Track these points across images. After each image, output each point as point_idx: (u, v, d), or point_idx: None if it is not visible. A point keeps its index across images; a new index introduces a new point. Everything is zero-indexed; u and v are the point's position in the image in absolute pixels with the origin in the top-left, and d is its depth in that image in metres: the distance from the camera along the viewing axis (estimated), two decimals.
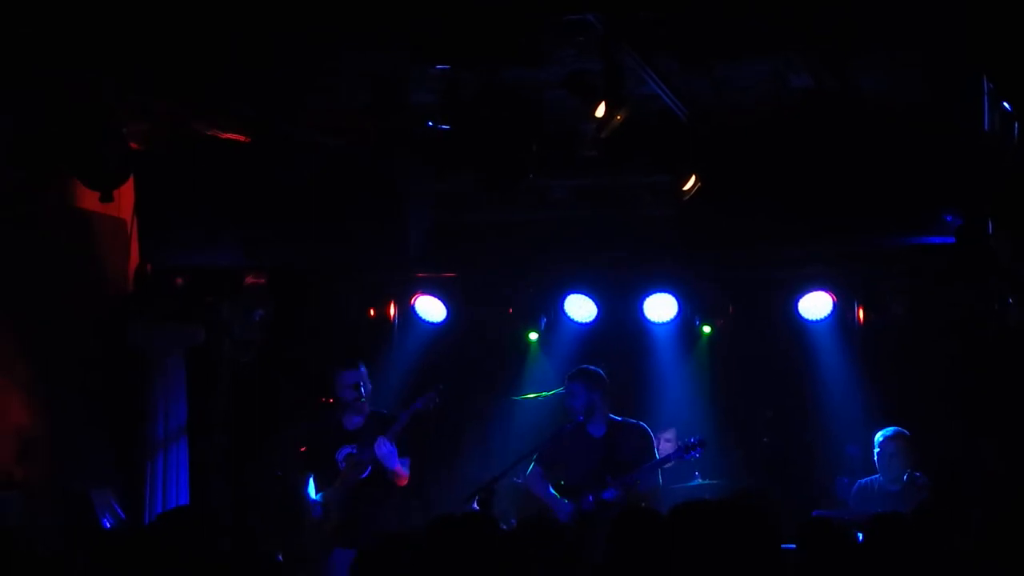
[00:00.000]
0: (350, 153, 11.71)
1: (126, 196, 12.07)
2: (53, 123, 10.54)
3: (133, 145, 10.95)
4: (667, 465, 11.34)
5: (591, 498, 10.96)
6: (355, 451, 11.10)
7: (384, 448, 10.93)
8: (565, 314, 13.26)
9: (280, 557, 7.36)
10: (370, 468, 11.01)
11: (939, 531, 6.75)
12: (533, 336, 13.66)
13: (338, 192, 12.28)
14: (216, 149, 11.51)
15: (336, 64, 10.17)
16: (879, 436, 11.31)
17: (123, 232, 12.38)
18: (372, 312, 13.74)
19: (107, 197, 10.94)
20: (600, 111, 9.27)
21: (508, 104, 9.97)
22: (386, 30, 9.24)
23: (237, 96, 10.60)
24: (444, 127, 10.38)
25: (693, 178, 11.11)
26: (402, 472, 11.03)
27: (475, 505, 10.75)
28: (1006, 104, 10.16)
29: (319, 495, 11.13)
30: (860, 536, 7.34)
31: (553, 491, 11.25)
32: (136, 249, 12.68)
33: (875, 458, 11.31)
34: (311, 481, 11.21)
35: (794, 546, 6.96)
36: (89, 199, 11.53)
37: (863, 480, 11.46)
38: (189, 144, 11.42)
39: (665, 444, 12.10)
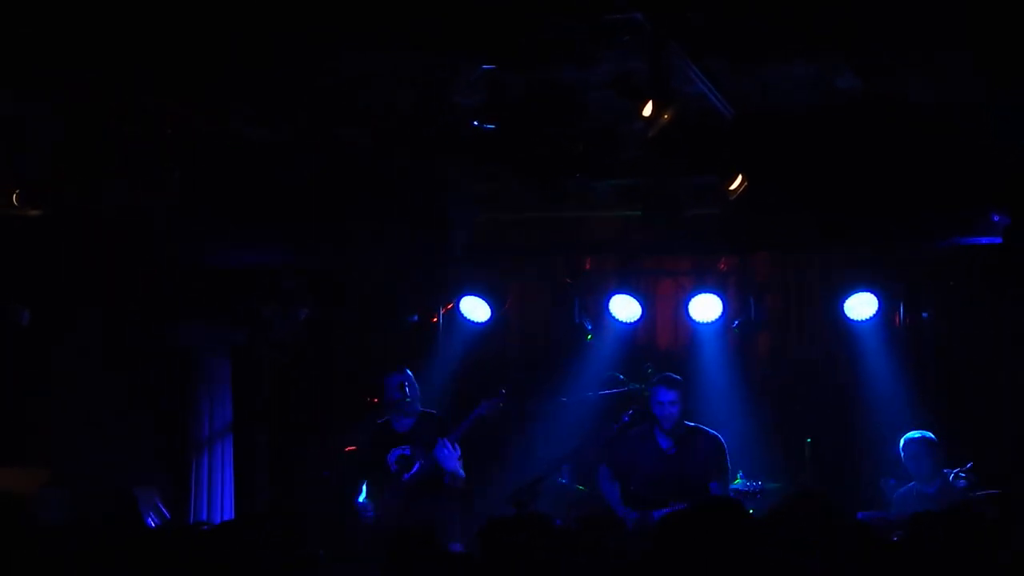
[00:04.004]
0: (394, 152, 11.70)
1: (168, 194, 12.09)
2: (95, 124, 10.60)
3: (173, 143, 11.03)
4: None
5: (656, 516, 10.75)
6: (407, 452, 11.09)
7: (446, 450, 10.90)
8: (610, 314, 13.21)
9: (322, 555, 7.37)
10: (418, 465, 11.00)
11: (979, 529, 6.70)
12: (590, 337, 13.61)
13: (381, 191, 12.28)
14: (257, 148, 11.53)
15: (381, 63, 10.16)
16: (902, 440, 11.35)
17: (163, 230, 12.40)
18: (418, 314, 13.70)
19: (150, 195, 11.03)
20: (648, 110, 9.23)
21: (553, 104, 9.95)
22: (432, 29, 9.22)
23: (281, 96, 10.61)
24: (489, 126, 10.36)
25: (740, 178, 11.06)
26: (460, 474, 10.99)
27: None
28: None
29: (366, 499, 11.11)
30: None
31: (619, 497, 11.15)
32: (177, 248, 12.70)
33: (903, 461, 11.32)
34: (364, 486, 11.19)
35: None
36: (129, 197, 11.59)
37: (902, 489, 11.48)
38: (229, 143, 11.43)
39: None
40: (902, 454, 11.30)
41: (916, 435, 11.31)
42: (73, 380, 12.14)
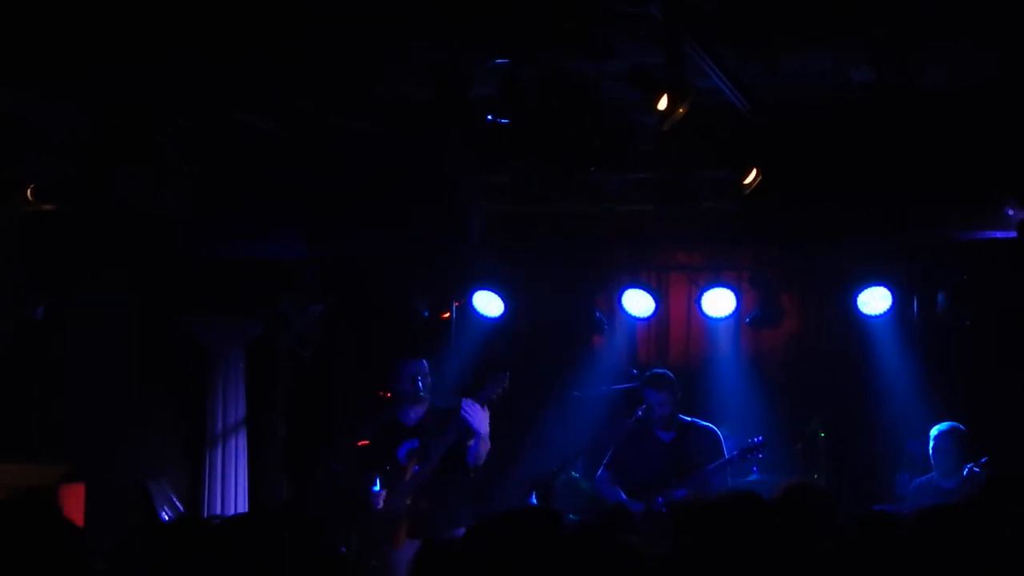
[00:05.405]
0: (408, 146, 11.70)
1: (184, 187, 12.08)
2: (114, 119, 10.61)
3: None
4: (729, 467, 11.28)
5: (660, 500, 10.88)
6: (417, 445, 10.94)
7: (475, 410, 10.61)
8: (623, 309, 13.21)
9: (343, 549, 7.33)
10: (432, 456, 10.84)
11: (987, 523, 6.68)
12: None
13: (396, 185, 12.29)
14: (269, 140, 11.52)
15: (395, 56, 10.16)
16: (934, 431, 11.30)
17: (179, 223, 12.41)
18: (431, 308, 13.66)
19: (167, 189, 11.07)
20: (663, 103, 9.21)
21: (568, 98, 9.93)
22: (447, 22, 9.22)
23: (291, 88, 10.60)
24: (503, 121, 10.34)
25: (754, 172, 11.05)
26: (487, 443, 10.80)
27: (534, 499, 10.72)
28: None
29: (383, 490, 10.98)
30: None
31: (623, 494, 11.19)
32: (194, 241, 12.70)
33: (930, 453, 11.29)
34: (377, 480, 11.05)
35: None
36: (146, 191, 11.62)
37: (919, 479, 11.45)
38: (240, 135, 11.42)
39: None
40: (931, 446, 11.24)
41: (947, 427, 11.26)
42: (89, 374, 12.14)
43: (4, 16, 8.84)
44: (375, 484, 10.88)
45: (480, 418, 10.58)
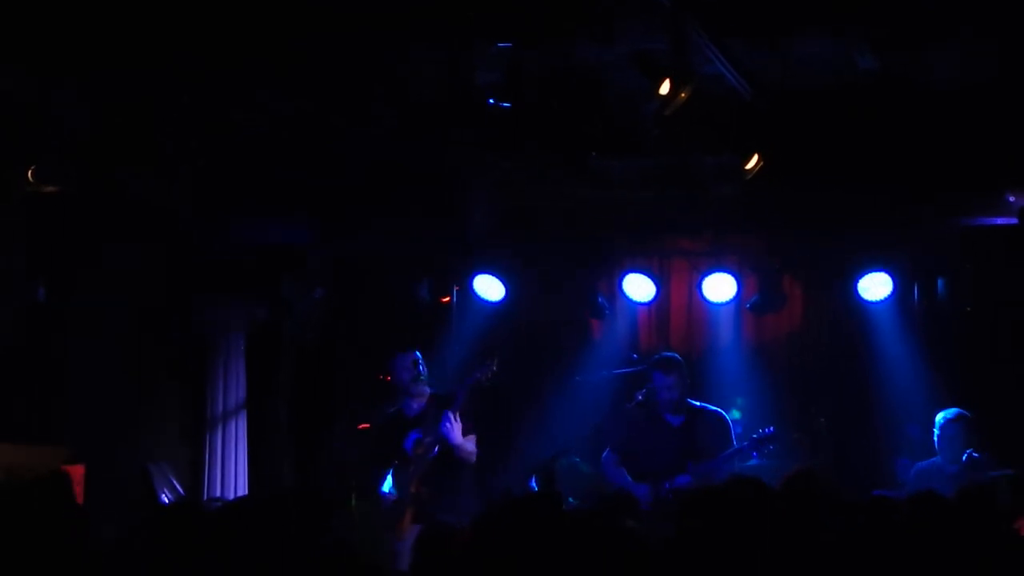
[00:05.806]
0: (408, 143, 11.69)
1: (189, 173, 12.08)
2: (115, 117, 10.63)
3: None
4: (738, 456, 11.28)
5: (667, 485, 10.89)
6: (421, 435, 11.02)
7: (447, 423, 10.82)
8: (624, 294, 13.22)
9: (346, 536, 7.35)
10: (437, 448, 10.92)
11: (987, 510, 6.71)
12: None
13: (398, 172, 12.28)
14: (272, 130, 11.51)
15: (398, 44, 10.15)
16: (940, 418, 11.25)
17: (184, 207, 12.41)
18: (436, 295, 13.64)
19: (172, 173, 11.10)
20: (665, 88, 9.20)
21: (571, 83, 9.93)
22: (451, 9, 9.21)
23: (292, 88, 10.60)
24: (505, 104, 10.33)
25: (756, 157, 11.04)
26: (467, 447, 10.92)
27: (534, 483, 10.75)
28: None
29: (392, 488, 11.05)
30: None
31: (629, 477, 11.19)
32: (198, 225, 12.70)
33: (935, 439, 11.27)
34: (389, 475, 11.12)
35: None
36: (151, 175, 11.63)
37: (922, 463, 11.41)
38: (242, 125, 11.42)
39: None
40: (937, 433, 11.23)
41: (953, 414, 11.20)
42: (91, 357, 12.15)
43: (7, 13, 8.87)
44: (385, 483, 10.98)
45: (452, 431, 10.73)
